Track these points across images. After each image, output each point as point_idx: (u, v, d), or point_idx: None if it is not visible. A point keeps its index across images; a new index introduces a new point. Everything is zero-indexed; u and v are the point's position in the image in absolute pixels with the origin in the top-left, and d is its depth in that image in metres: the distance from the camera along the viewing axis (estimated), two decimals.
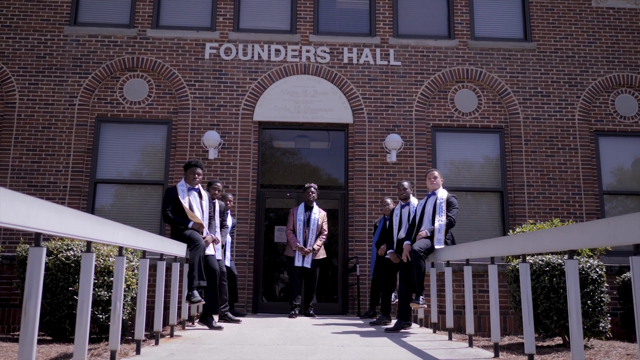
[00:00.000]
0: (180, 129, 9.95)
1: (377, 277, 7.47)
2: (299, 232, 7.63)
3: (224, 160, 9.87)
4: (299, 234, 7.64)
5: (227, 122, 10.03)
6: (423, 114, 10.22)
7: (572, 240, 2.82)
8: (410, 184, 7.06)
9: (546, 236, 3.14)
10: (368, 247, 9.63)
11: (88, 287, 2.71)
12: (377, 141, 10.06)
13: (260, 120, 10.12)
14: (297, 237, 7.64)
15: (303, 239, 7.63)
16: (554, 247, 3.06)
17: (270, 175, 10.54)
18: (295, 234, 7.67)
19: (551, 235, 3.06)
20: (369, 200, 9.83)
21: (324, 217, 7.88)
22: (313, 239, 7.64)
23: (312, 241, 7.62)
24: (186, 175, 5.95)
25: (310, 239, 7.60)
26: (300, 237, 7.62)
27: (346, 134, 10.26)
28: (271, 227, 10.21)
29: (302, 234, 7.60)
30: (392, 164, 9.98)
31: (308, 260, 7.49)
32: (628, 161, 10.46)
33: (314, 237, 7.65)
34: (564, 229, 2.91)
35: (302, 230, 7.59)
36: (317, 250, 7.59)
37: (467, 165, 10.33)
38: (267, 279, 10.20)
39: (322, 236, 7.74)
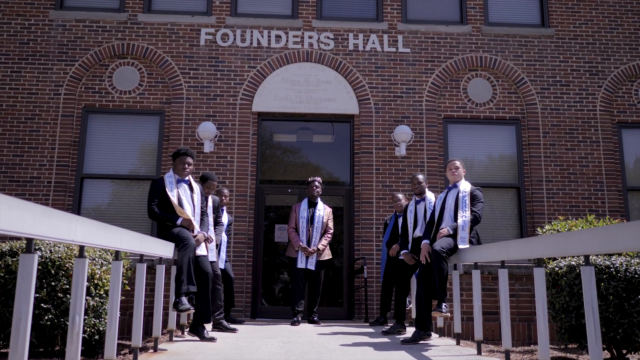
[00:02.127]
0: (174, 120, 9.25)
1: (389, 281, 6.78)
2: (301, 230, 6.91)
3: (220, 153, 9.18)
4: (302, 232, 6.93)
5: (224, 113, 9.34)
6: (434, 105, 9.53)
7: None
8: (425, 177, 6.36)
9: (622, 232, 2.45)
10: (376, 247, 8.94)
11: (27, 298, 2.01)
12: (384, 133, 9.37)
13: (259, 111, 9.43)
14: (300, 236, 6.93)
15: (306, 238, 6.92)
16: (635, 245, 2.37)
17: (270, 170, 9.85)
18: (298, 232, 6.95)
19: (631, 231, 2.37)
20: (376, 197, 9.14)
21: (329, 214, 7.18)
22: (317, 238, 6.94)
23: (317, 240, 6.91)
24: (175, 165, 5.22)
25: (314, 238, 6.90)
26: (304, 236, 6.91)
27: (351, 125, 9.57)
28: (271, 226, 9.52)
29: (306, 232, 6.89)
30: (401, 158, 9.28)
31: (312, 262, 6.79)
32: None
33: (318, 236, 6.95)
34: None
35: (306, 229, 6.89)
36: (322, 251, 6.89)
37: (481, 159, 9.63)
38: (267, 282, 9.50)
39: (328, 235, 7.05)
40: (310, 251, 6.76)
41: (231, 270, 7.13)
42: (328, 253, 7.05)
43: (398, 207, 6.99)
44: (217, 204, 6.17)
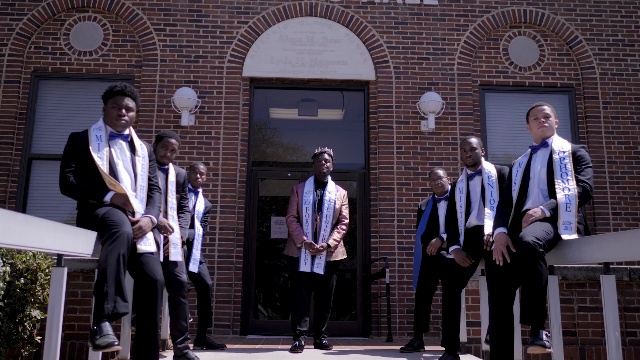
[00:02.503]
0: (146, 87, 7.42)
1: (426, 289, 4.93)
2: (305, 220, 5.00)
3: (203, 128, 7.34)
4: (305, 223, 5.03)
5: (208, 78, 7.50)
6: (468, 69, 7.69)
7: None
8: (480, 142, 4.52)
9: None
10: (398, 244, 7.10)
11: None
12: (407, 103, 7.53)
13: (251, 76, 7.60)
14: (304, 228, 5.01)
15: (312, 231, 5.04)
16: None
17: (266, 149, 8.01)
18: (301, 223, 5.05)
19: None
20: (397, 182, 7.30)
21: (343, 197, 5.33)
22: (327, 231, 5.05)
23: (327, 234, 5.03)
24: (106, 111, 3.37)
25: (323, 230, 5.02)
26: (309, 228, 4.98)
27: (366, 94, 7.73)
28: (266, 218, 7.68)
29: (311, 223, 4.99)
30: (429, 134, 7.44)
31: (320, 263, 4.88)
32: None
33: (328, 228, 5.07)
34: None
35: (311, 218, 5.02)
36: (333, 248, 5.01)
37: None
38: (260, 289, 7.65)
39: (342, 226, 5.20)
40: (317, 249, 4.89)
41: (208, 275, 5.25)
42: (342, 251, 5.18)
43: (437, 187, 5.13)
44: (182, 179, 4.32)
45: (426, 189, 7.26)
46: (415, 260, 5.19)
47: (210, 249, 6.99)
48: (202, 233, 5.14)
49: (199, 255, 4.99)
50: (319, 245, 4.95)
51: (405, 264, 7.07)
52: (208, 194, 7.11)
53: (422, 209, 5.31)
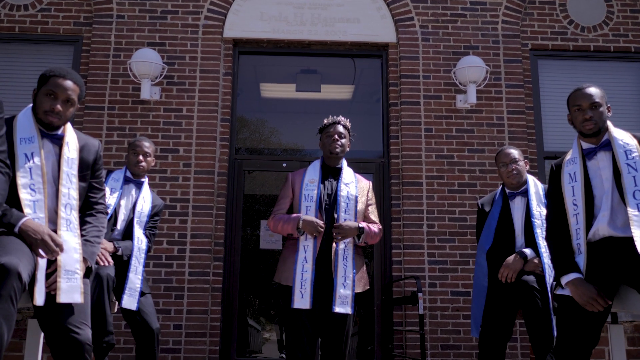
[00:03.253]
0: (97, 51, 5.66)
1: (495, 335, 3.13)
2: None
3: (171, 104, 5.58)
4: (305, 235, 3.23)
5: (178, 39, 5.74)
6: (516, 29, 5.94)
7: None
8: (603, 93, 2.79)
9: None
10: (429, 257, 5.34)
11: None
12: (438, 72, 5.77)
13: (235, 37, 5.84)
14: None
15: (316, 249, 3.13)
16: None
17: (254, 133, 6.26)
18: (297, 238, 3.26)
19: None
20: (427, 175, 5.54)
21: (368, 192, 3.46)
22: (345, 250, 3.24)
23: (343, 256, 3.20)
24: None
25: (336, 247, 3.22)
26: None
27: (384, 61, 5.98)
28: (254, 222, 5.91)
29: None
30: (467, 111, 5.69)
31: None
32: None
33: (345, 245, 3.28)
34: None
35: (316, 213, 3.17)
36: (363, 238, 3.27)
37: None
38: (245, 318, 5.88)
39: (373, 227, 3.38)
40: (336, 226, 3.18)
41: (153, 315, 3.35)
42: (364, 279, 3.33)
43: (511, 175, 3.35)
44: (93, 159, 2.52)
45: (465, 183, 5.51)
46: (476, 289, 3.36)
47: (179, 264, 5.22)
48: (147, 247, 3.37)
49: (140, 282, 3.21)
50: (340, 226, 3.19)
51: (439, 284, 5.31)
52: (177, 190, 5.36)
53: (485, 209, 3.50)
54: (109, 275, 2.87)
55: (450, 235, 5.40)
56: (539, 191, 3.31)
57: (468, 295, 5.27)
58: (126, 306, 3.07)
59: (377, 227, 3.40)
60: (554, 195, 2.57)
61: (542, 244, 3.09)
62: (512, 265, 3.09)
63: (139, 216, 3.31)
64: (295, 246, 3.26)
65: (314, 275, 3.15)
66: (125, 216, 3.30)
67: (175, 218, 5.31)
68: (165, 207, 5.28)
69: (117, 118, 5.50)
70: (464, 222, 5.43)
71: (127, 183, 3.36)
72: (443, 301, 5.29)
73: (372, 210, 3.45)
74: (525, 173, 3.42)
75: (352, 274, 3.18)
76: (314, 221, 3.19)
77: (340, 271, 3.16)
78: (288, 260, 3.28)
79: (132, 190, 3.38)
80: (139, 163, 3.40)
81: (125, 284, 3.10)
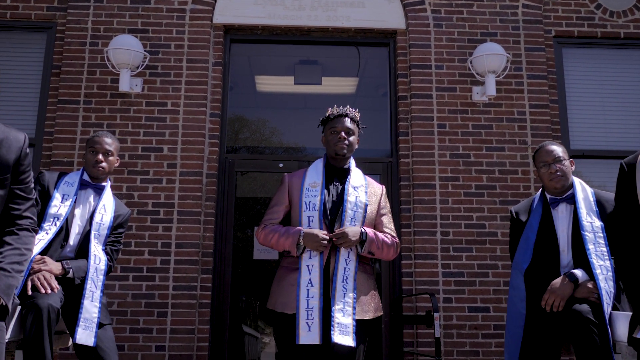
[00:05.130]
0: (72, 39, 5.08)
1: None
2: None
3: (155, 97, 4.99)
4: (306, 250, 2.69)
5: (163, 25, 5.16)
6: (537, 14, 5.36)
7: None
8: None
9: None
10: (443, 268, 4.75)
11: None
12: (452, 62, 5.19)
13: (226, 22, 5.26)
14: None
15: (321, 267, 2.56)
16: None
17: (247, 129, 5.68)
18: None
19: None
20: (440, 176, 4.95)
21: (381, 198, 2.89)
22: (352, 269, 2.58)
23: (350, 276, 2.58)
24: None
25: (343, 266, 2.62)
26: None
27: (392, 49, 5.39)
28: (248, 230, 5.33)
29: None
30: (485, 105, 5.10)
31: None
32: None
33: (353, 265, 2.59)
34: None
35: (320, 223, 2.65)
36: (368, 246, 2.69)
37: (623, 107, 5.44)
38: (238, 335, 5.30)
39: (383, 236, 2.78)
40: (335, 233, 2.64)
41: (113, 351, 2.72)
42: (375, 304, 2.73)
43: (554, 177, 2.73)
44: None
45: (483, 185, 4.92)
46: (512, 317, 2.72)
47: (162, 277, 4.63)
48: (106, 267, 2.77)
49: (98, 311, 2.61)
50: (338, 231, 2.62)
51: (454, 299, 4.72)
52: (160, 193, 4.77)
53: (521, 218, 2.89)
54: (51, 307, 2.28)
55: (467, 244, 4.82)
56: (588, 196, 2.72)
57: (487, 312, 4.68)
58: (81, 342, 2.48)
59: (389, 237, 2.80)
60: (626, 201, 1.98)
61: (597, 263, 2.49)
62: (559, 290, 2.49)
63: (97, 229, 2.71)
64: (295, 265, 2.67)
65: (322, 301, 2.56)
66: (80, 229, 2.71)
67: (159, 225, 4.73)
68: (147, 212, 4.73)
69: (94, 113, 4.92)
70: (482, 228, 4.84)
71: (83, 188, 2.77)
72: (459, 318, 4.70)
73: (386, 221, 2.85)
74: (571, 175, 2.82)
75: (352, 298, 2.58)
76: (318, 234, 2.61)
77: (338, 294, 2.57)
78: (285, 281, 2.68)
79: (89, 197, 2.79)
80: (98, 163, 2.80)
81: (79, 314, 2.51)
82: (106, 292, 4.55)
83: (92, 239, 2.66)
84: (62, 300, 2.47)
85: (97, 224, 2.70)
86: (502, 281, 4.74)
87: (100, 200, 2.76)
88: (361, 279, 2.69)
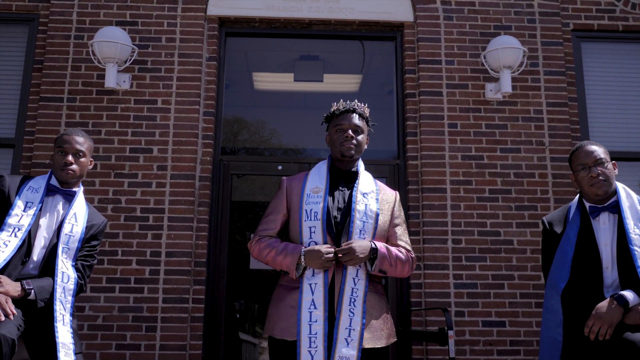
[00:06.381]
0: (56, 32, 4.73)
1: None
2: (307, 242, 2.32)
3: (144, 94, 4.64)
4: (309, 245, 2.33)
5: (153, 18, 4.80)
6: (555, 6, 5.01)
7: None
8: None
9: None
10: (454, 279, 4.40)
11: None
12: (464, 57, 4.84)
13: (221, 14, 4.91)
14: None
15: (326, 286, 2.20)
16: None
17: (244, 129, 5.34)
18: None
19: None
20: (451, 179, 4.60)
21: (395, 205, 2.52)
22: (362, 289, 2.24)
23: (359, 299, 2.21)
24: None
25: (350, 286, 2.25)
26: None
27: (399, 44, 5.04)
28: (243, 237, 4.98)
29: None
30: (499, 104, 4.75)
31: (349, 344, 2.15)
32: None
33: (363, 283, 2.23)
34: None
35: (323, 235, 2.28)
36: (378, 264, 2.32)
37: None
38: (233, 347, 4.95)
39: (399, 252, 2.42)
40: (342, 248, 2.27)
41: None
42: (388, 329, 2.36)
43: (597, 184, 2.37)
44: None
45: (497, 190, 4.57)
46: (547, 345, 2.33)
47: (151, 289, 4.28)
48: (76, 285, 2.40)
49: (70, 335, 2.25)
50: (344, 245, 2.27)
51: (467, 312, 4.37)
52: (149, 198, 4.42)
53: (556, 229, 2.51)
54: (4, 338, 1.92)
55: (481, 253, 4.46)
56: (635, 204, 2.36)
57: (503, 327, 4.33)
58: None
59: (403, 252, 2.44)
60: None
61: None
62: (607, 316, 2.14)
63: (66, 241, 2.34)
64: (296, 283, 2.32)
65: (327, 326, 2.20)
66: (45, 241, 2.34)
67: (147, 232, 4.37)
68: (135, 218, 4.38)
69: (79, 111, 4.57)
70: (497, 236, 4.49)
71: (51, 194, 2.41)
72: (472, 333, 4.34)
73: (400, 233, 2.49)
74: (614, 179, 2.46)
75: (361, 324, 2.23)
76: (320, 249, 2.25)
77: (343, 319, 2.22)
78: (284, 303, 2.33)
79: (58, 205, 2.42)
80: (68, 166, 2.43)
81: (55, 339, 2.14)
82: (90, 304, 4.23)
83: (60, 254, 2.30)
84: (20, 327, 2.11)
85: (66, 235, 2.34)
86: (518, 293, 4.39)
87: (70, 208, 2.40)
88: (372, 301, 2.33)
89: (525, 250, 4.48)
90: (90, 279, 4.25)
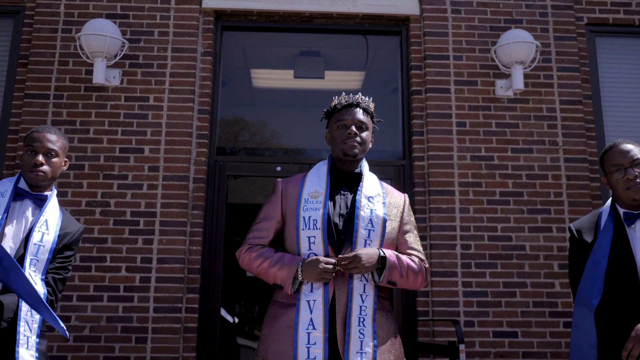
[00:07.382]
0: (42, 25, 4.48)
1: None
2: (306, 254, 2.08)
3: (135, 91, 4.39)
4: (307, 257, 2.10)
5: (145, 10, 4.55)
6: (568, 1, 4.76)
7: None
8: None
9: None
10: (464, 287, 4.15)
11: None
12: (472, 52, 4.59)
13: (217, 7, 4.66)
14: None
15: (327, 303, 1.96)
16: None
17: (241, 129, 5.10)
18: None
19: None
20: (460, 181, 4.35)
21: (404, 210, 2.24)
22: (371, 308, 2.00)
23: (368, 321, 1.96)
24: None
25: (358, 303, 2.03)
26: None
27: (405, 39, 4.80)
28: (240, 241, 4.71)
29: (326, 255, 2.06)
30: (510, 101, 4.50)
31: None
32: None
33: (372, 300, 1.99)
34: None
35: (324, 246, 2.04)
36: (387, 275, 2.06)
37: None
38: (230, 354, 4.71)
39: (411, 261, 2.18)
40: (345, 257, 2.01)
41: None
42: (395, 348, 2.12)
43: (634, 187, 2.13)
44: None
45: (509, 192, 4.32)
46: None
47: (142, 297, 4.02)
48: (45, 298, 2.14)
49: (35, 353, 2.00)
50: (348, 254, 2.02)
51: (477, 322, 4.12)
52: (140, 201, 4.17)
53: (586, 238, 2.22)
54: None
55: (491, 259, 4.21)
56: None
57: (515, 337, 4.08)
58: None
59: (416, 261, 2.19)
60: None
61: None
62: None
63: (35, 252, 2.08)
64: (293, 300, 2.06)
65: (328, 349, 1.96)
66: (12, 252, 2.08)
67: (138, 237, 4.12)
68: (126, 223, 4.13)
69: (66, 109, 4.32)
70: (508, 241, 4.24)
71: (19, 199, 2.15)
72: (483, 345, 4.09)
73: (412, 240, 2.23)
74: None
75: (373, 347, 1.98)
76: (319, 259, 2.01)
77: (354, 342, 1.96)
78: (279, 322, 2.07)
79: (26, 211, 2.16)
80: (37, 167, 2.17)
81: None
82: (76, 314, 3.98)
83: (28, 266, 2.05)
84: None
85: (34, 245, 2.09)
86: (531, 302, 4.15)
87: (41, 214, 2.15)
88: (379, 320, 2.08)
89: (538, 256, 4.23)
90: (77, 287, 4.01)
